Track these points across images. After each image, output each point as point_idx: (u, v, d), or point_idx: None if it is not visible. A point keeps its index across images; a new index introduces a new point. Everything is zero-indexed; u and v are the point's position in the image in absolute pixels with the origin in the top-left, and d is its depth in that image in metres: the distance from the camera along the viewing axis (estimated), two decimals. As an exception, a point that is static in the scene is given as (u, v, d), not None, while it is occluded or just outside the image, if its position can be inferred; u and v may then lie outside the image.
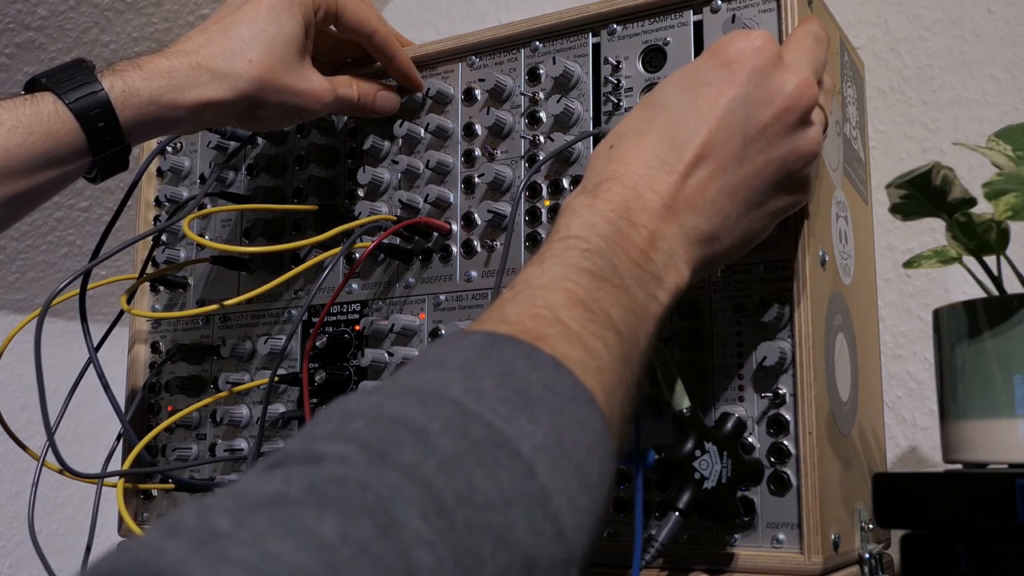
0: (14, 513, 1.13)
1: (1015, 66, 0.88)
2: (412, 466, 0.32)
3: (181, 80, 0.65)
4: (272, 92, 0.68)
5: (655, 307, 0.47)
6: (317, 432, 0.34)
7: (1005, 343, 0.56)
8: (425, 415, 0.34)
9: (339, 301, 0.77)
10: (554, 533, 0.34)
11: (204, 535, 0.27)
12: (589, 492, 0.37)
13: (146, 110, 0.65)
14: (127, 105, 0.64)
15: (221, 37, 0.67)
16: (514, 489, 0.34)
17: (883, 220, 0.82)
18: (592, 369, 0.41)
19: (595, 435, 0.39)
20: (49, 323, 0.65)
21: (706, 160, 0.50)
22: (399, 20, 1.27)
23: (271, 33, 0.68)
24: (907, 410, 0.89)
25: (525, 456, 0.35)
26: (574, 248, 0.46)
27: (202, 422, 0.82)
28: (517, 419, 0.36)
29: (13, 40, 0.98)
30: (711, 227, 0.51)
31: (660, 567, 0.60)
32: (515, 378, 0.38)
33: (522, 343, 0.40)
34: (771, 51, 0.53)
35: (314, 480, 0.30)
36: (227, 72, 0.66)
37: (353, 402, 0.36)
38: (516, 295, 0.44)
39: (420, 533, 0.30)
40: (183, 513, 0.29)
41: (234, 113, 0.69)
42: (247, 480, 0.31)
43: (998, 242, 0.61)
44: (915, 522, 0.55)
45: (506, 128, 0.72)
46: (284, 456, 0.32)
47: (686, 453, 0.55)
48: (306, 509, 0.29)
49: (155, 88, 0.65)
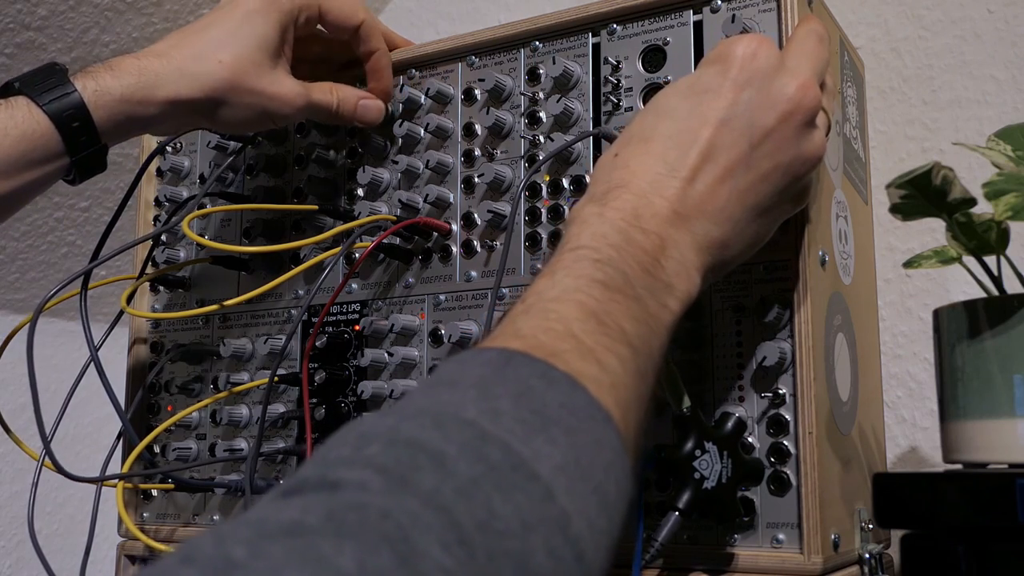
0: (14, 513, 1.13)
1: (1015, 66, 0.88)
2: (431, 492, 0.31)
3: (151, 78, 0.66)
4: (241, 93, 0.68)
5: (667, 316, 0.47)
6: (333, 457, 0.33)
7: (1005, 343, 0.56)
8: (442, 438, 0.34)
9: (339, 301, 0.77)
10: (574, 558, 0.34)
11: (220, 564, 0.27)
12: (607, 512, 0.37)
13: (119, 108, 0.65)
14: (100, 104, 0.65)
15: (194, 38, 0.68)
16: (533, 514, 0.33)
17: (883, 220, 0.82)
18: (607, 385, 0.40)
19: (612, 453, 0.39)
20: (49, 323, 0.66)
21: (711, 163, 0.50)
22: (399, 20, 1.27)
23: (244, 36, 0.68)
24: (907, 410, 0.89)
25: (544, 479, 0.34)
26: (585, 259, 0.45)
27: (202, 422, 0.82)
28: (534, 440, 0.35)
29: (13, 40, 0.98)
30: (721, 233, 0.50)
31: (660, 567, 0.60)
32: (531, 397, 0.37)
33: (537, 361, 0.39)
34: (772, 55, 0.53)
35: (332, 508, 0.30)
36: (196, 71, 0.67)
37: (368, 425, 0.35)
38: (528, 308, 0.43)
39: (440, 562, 0.29)
40: (199, 541, 0.28)
41: (203, 112, 0.69)
42: (263, 507, 0.30)
43: (998, 242, 0.61)
44: (915, 522, 0.55)
45: (506, 128, 0.72)
46: (301, 482, 0.32)
47: (686, 453, 0.55)
48: (324, 539, 0.28)
49: (126, 86, 0.65)
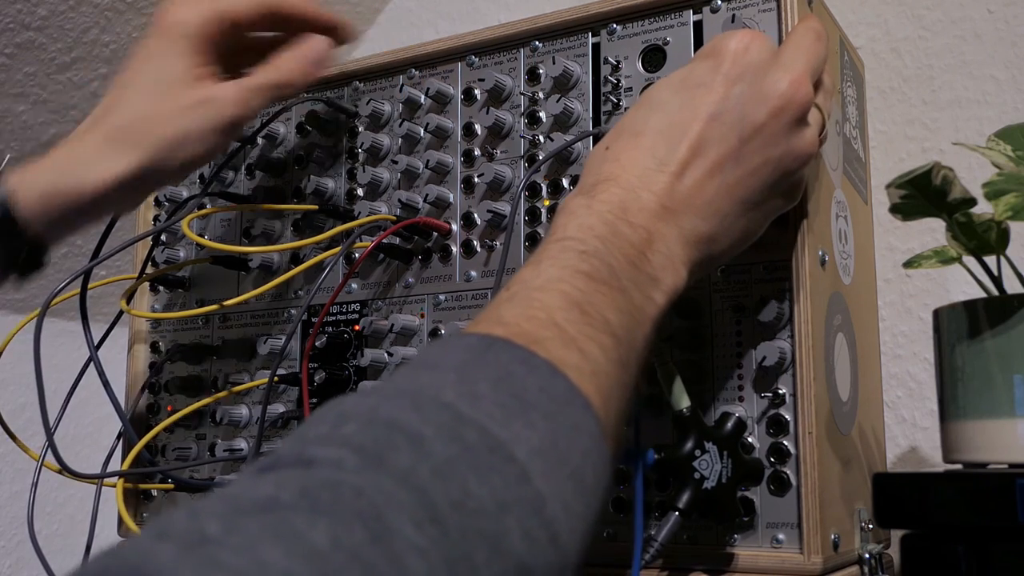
0: (14, 513, 1.13)
1: (1015, 66, 0.88)
2: (406, 472, 0.31)
3: (80, 161, 0.60)
4: (187, 135, 0.62)
5: (652, 309, 0.47)
6: (310, 435, 0.33)
7: (1005, 343, 0.56)
8: (419, 420, 0.34)
9: (339, 301, 0.77)
10: (548, 539, 0.34)
11: (194, 539, 0.27)
12: (584, 497, 0.37)
13: (49, 202, 0.59)
14: (26, 199, 0.59)
15: (117, 101, 0.63)
16: (508, 494, 0.33)
17: (883, 220, 0.82)
18: (588, 373, 0.40)
19: (590, 440, 0.39)
20: (49, 323, 0.65)
21: (700, 157, 0.50)
22: (399, 20, 1.27)
23: (162, 78, 0.62)
24: (907, 410, 0.89)
25: (520, 461, 0.35)
26: (571, 250, 0.46)
27: (202, 422, 0.82)
28: (512, 424, 0.36)
29: (13, 40, 0.98)
30: (709, 228, 0.50)
31: (660, 567, 0.60)
32: (510, 382, 0.37)
33: (518, 347, 0.39)
34: (764, 49, 0.53)
35: (307, 485, 0.30)
36: (127, 137, 0.61)
37: (348, 404, 0.35)
38: (512, 296, 0.43)
39: (413, 540, 0.29)
40: (174, 516, 0.29)
41: (161, 176, 0.64)
42: (239, 483, 0.31)
43: (998, 242, 0.61)
44: (915, 522, 0.55)
45: (506, 128, 0.72)
46: (277, 459, 0.32)
47: (686, 453, 0.55)
48: (298, 514, 0.28)
49: (54, 176, 0.60)
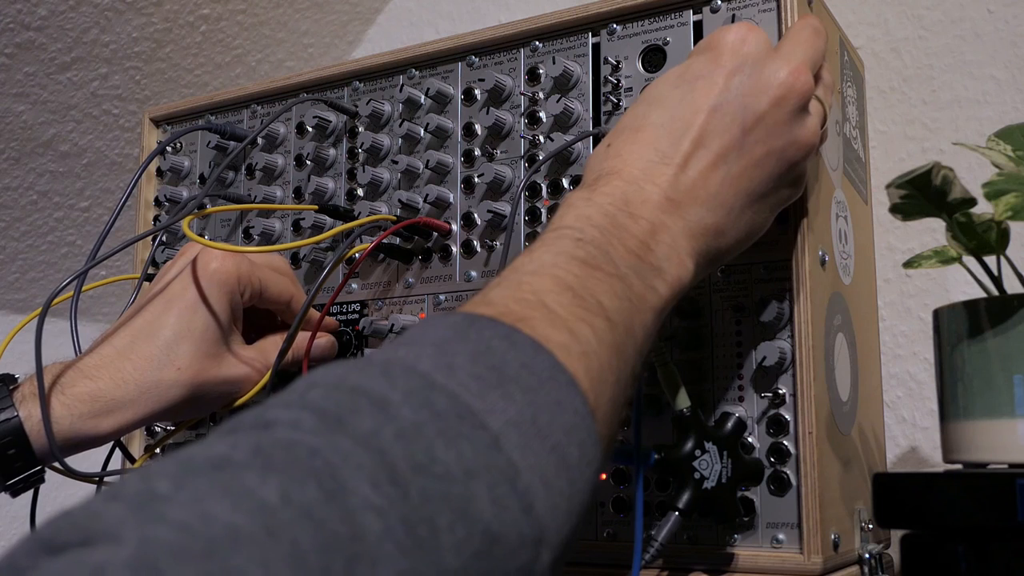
0: (14, 513, 1.13)
1: (1015, 66, 0.88)
2: (368, 434, 0.31)
3: (103, 404, 0.62)
4: (207, 388, 0.66)
5: (653, 298, 0.46)
6: (276, 401, 0.33)
7: (1005, 343, 0.56)
8: (388, 385, 0.34)
9: (339, 301, 0.77)
10: (521, 509, 0.33)
11: (144, 498, 0.27)
12: (567, 473, 0.36)
13: (65, 437, 0.61)
14: (44, 434, 0.60)
15: (146, 344, 0.64)
16: (477, 461, 0.33)
17: (883, 220, 0.82)
18: (576, 353, 0.40)
19: (575, 417, 0.38)
20: (49, 323, 0.65)
21: (703, 149, 0.50)
22: (399, 20, 1.27)
23: (198, 331, 0.65)
24: (907, 410, 0.89)
25: (492, 429, 0.34)
26: (566, 237, 0.45)
27: (202, 421, 0.82)
28: (488, 395, 0.35)
29: (13, 40, 0.98)
30: (715, 220, 0.50)
31: (660, 567, 0.60)
32: (490, 356, 0.37)
33: (501, 324, 0.39)
34: (762, 41, 0.53)
35: (261, 444, 0.30)
36: (155, 388, 0.63)
37: (319, 374, 0.35)
38: (503, 280, 0.43)
39: (369, 499, 0.29)
40: (127, 479, 0.29)
41: (167, 417, 0.66)
42: (195, 446, 0.30)
43: (998, 242, 0.61)
44: (915, 522, 0.55)
45: (506, 128, 0.72)
46: (237, 423, 0.32)
47: (686, 453, 0.55)
48: (249, 472, 0.28)
49: (76, 416, 0.61)
